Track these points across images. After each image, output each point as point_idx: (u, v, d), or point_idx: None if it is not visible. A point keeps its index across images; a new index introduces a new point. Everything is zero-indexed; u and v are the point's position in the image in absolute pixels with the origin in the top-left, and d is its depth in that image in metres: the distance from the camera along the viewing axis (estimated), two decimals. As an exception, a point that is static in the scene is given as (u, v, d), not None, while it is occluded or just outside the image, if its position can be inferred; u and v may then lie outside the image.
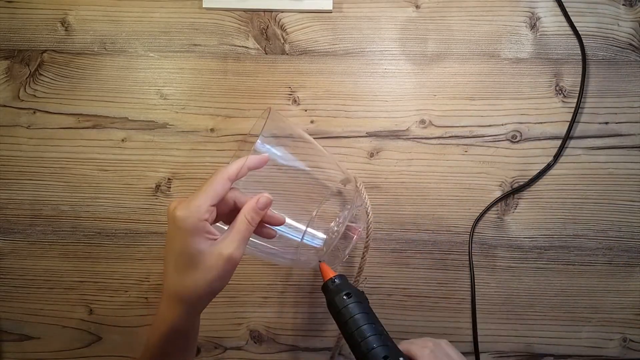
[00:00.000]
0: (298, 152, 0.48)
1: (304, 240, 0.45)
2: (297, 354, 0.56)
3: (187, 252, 0.36)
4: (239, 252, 0.37)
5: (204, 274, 0.37)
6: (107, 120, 0.58)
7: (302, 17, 0.59)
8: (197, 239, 0.36)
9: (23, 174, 0.57)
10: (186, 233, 0.36)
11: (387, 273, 0.56)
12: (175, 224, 0.36)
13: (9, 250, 0.57)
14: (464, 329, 0.55)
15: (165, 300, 0.39)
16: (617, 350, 0.55)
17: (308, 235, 0.46)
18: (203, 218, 0.36)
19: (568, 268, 0.55)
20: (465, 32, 0.58)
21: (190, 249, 0.36)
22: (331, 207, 0.50)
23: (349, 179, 0.50)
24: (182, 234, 0.36)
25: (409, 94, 0.58)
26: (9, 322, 0.56)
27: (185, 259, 0.37)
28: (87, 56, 0.59)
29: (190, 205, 0.36)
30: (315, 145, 0.50)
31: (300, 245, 0.45)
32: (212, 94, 0.58)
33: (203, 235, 0.36)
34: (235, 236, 0.37)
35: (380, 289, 0.56)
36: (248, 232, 0.38)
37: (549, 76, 0.57)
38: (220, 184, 0.37)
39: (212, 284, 0.37)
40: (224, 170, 0.38)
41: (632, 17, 0.58)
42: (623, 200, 0.56)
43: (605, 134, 0.56)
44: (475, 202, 0.56)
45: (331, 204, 0.50)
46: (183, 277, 0.37)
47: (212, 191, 0.37)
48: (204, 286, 0.37)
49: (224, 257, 0.36)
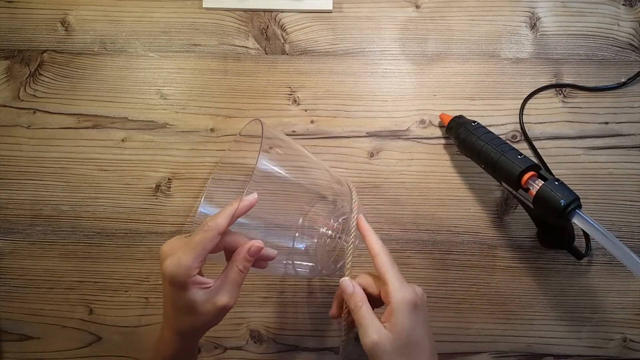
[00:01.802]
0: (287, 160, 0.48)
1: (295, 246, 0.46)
2: (297, 354, 0.56)
3: (181, 302, 0.38)
4: (233, 300, 0.39)
5: (201, 319, 0.39)
6: (107, 120, 0.58)
7: (302, 17, 0.59)
8: (189, 292, 0.38)
9: (23, 174, 0.57)
10: (177, 288, 0.38)
11: (387, 273, 0.56)
12: (166, 278, 0.38)
13: (9, 250, 0.57)
14: (464, 329, 0.55)
15: (166, 329, 0.41)
16: (617, 350, 0.55)
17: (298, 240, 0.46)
18: (192, 274, 0.37)
19: (568, 268, 0.55)
20: (465, 32, 0.58)
21: (184, 300, 0.38)
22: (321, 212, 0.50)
23: (339, 181, 0.50)
24: (174, 288, 0.38)
25: (409, 94, 0.58)
26: (9, 322, 0.56)
27: (181, 307, 0.39)
28: (87, 56, 0.59)
29: (180, 264, 0.37)
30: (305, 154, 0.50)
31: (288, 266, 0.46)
32: (212, 94, 0.58)
33: (194, 288, 0.38)
34: (228, 286, 0.39)
35: (380, 289, 0.56)
36: (241, 279, 0.40)
37: (549, 76, 0.57)
38: (210, 241, 0.38)
39: (208, 324, 0.40)
40: (214, 226, 0.38)
41: (632, 17, 0.58)
42: (623, 200, 0.56)
43: (605, 134, 0.56)
44: (475, 202, 0.56)
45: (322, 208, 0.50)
46: (181, 321, 0.40)
47: (201, 248, 0.38)
48: (200, 326, 0.40)
49: (218, 307, 0.39)
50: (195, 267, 0.37)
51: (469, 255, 0.56)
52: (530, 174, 0.45)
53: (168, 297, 0.39)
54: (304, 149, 0.51)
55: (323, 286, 0.56)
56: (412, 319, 0.40)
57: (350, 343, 0.56)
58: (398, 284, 0.41)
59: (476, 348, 0.55)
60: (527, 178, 0.45)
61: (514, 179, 0.46)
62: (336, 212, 0.50)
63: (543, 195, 0.44)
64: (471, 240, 0.56)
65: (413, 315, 0.40)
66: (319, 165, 0.51)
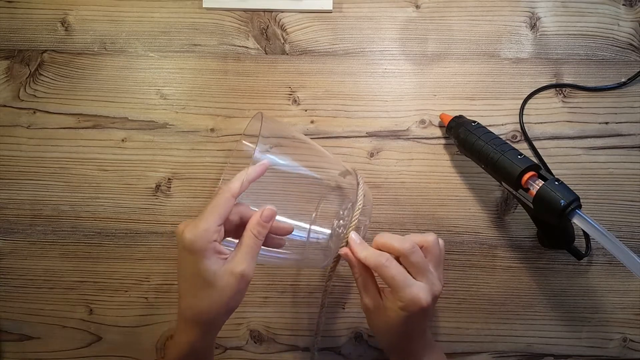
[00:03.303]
0: (294, 153, 0.48)
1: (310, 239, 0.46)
2: (297, 354, 0.56)
3: (200, 274, 0.37)
4: (250, 268, 0.38)
5: (219, 294, 0.37)
6: (107, 120, 0.58)
7: (302, 17, 0.59)
8: (208, 260, 0.37)
9: (23, 174, 0.57)
10: (197, 256, 0.37)
11: (387, 273, 0.56)
12: (185, 247, 0.37)
13: (9, 250, 0.57)
14: (464, 329, 0.55)
15: (182, 323, 0.39)
16: (617, 350, 0.55)
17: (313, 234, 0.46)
18: (212, 239, 0.37)
19: (568, 268, 0.55)
20: (465, 32, 0.58)
21: (203, 270, 0.37)
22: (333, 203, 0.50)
23: (348, 172, 0.50)
24: (193, 257, 0.37)
25: (409, 94, 0.58)
26: (9, 322, 0.56)
27: (199, 280, 0.37)
28: (87, 56, 0.59)
29: (198, 228, 0.37)
30: (310, 143, 0.50)
31: (307, 245, 0.46)
32: (212, 94, 0.58)
33: (214, 256, 0.37)
34: (244, 253, 0.38)
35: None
36: (257, 246, 0.39)
37: (549, 76, 0.57)
38: (225, 203, 0.38)
39: (228, 303, 0.38)
40: (227, 189, 0.38)
41: (632, 17, 0.58)
42: (623, 200, 0.56)
43: (605, 134, 0.56)
44: (475, 202, 0.56)
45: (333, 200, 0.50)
46: (198, 299, 0.38)
47: (217, 212, 0.37)
48: (219, 306, 0.38)
49: (237, 275, 0.37)
50: (214, 230, 0.37)
51: (469, 255, 0.56)
52: (530, 174, 0.45)
53: (186, 273, 0.38)
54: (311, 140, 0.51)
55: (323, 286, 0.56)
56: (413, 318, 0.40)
57: (350, 343, 0.56)
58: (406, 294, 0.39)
59: (476, 348, 0.55)
60: (527, 178, 0.45)
61: (514, 179, 0.46)
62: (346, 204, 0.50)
63: (543, 195, 0.44)
64: (471, 240, 0.56)
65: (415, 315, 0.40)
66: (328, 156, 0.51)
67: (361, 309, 0.44)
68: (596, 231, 0.41)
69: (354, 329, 0.56)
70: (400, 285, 0.40)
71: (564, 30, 0.58)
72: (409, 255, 0.40)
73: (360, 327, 0.56)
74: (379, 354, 0.55)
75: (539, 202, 0.44)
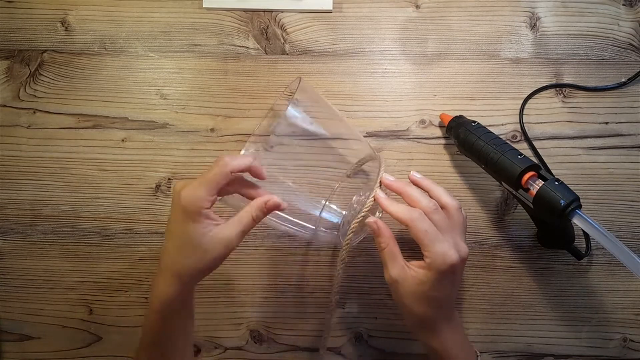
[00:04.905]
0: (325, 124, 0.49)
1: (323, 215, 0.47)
2: (297, 354, 0.56)
3: (189, 235, 0.40)
4: (237, 240, 0.41)
5: (203, 255, 0.40)
6: (107, 120, 0.58)
7: (302, 17, 0.59)
8: (199, 224, 0.39)
9: (23, 174, 0.57)
10: (189, 218, 0.39)
11: (387, 273, 0.56)
12: (180, 207, 0.39)
13: (9, 250, 0.57)
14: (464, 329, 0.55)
15: (162, 276, 0.41)
16: (617, 350, 0.55)
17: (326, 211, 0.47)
18: (204, 207, 0.39)
19: (568, 268, 0.55)
20: (465, 32, 0.58)
21: (193, 232, 0.39)
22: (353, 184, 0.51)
23: (372, 157, 0.50)
24: (186, 218, 0.39)
25: (409, 94, 0.58)
26: (9, 322, 0.56)
27: (187, 240, 0.40)
28: (87, 56, 0.59)
29: (193, 194, 0.39)
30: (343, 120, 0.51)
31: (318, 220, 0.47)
32: (212, 94, 0.58)
33: (204, 221, 0.40)
34: (236, 226, 0.41)
35: (380, 288, 0.56)
36: (249, 226, 0.41)
37: (549, 76, 0.57)
38: (222, 178, 0.40)
39: (209, 264, 0.41)
40: (228, 164, 0.40)
41: (632, 17, 0.58)
42: (623, 200, 0.56)
43: (605, 134, 0.56)
44: (475, 202, 0.56)
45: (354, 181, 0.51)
46: (183, 256, 0.40)
47: (214, 183, 0.40)
48: (201, 266, 0.40)
49: (223, 242, 0.40)
50: (208, 199, 0.39)
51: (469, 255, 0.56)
52: (530, 174, 0.45)
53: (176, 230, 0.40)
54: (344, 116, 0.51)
55: (323, 286, 0.56)
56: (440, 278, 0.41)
57: (350, 343, 0.56)
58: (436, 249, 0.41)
59: (476, 348, 0.55)
60: (527, 178, 0.45)
61: (514, 179, 0.46)
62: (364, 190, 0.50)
63: (543, 195, 0.44)
64: (471, 240, 0.56)
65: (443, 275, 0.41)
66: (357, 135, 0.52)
67: (387, 282, 0.43)
68: (596, 231, 0.41)
69: (354, 329, 0.56)
70: (432, 239, 0.41)
71: (564, 30, 0.58)
72: (433, 213, 0.42)
73: (360, 327, 0.56)
74: (379, 354, 0.55)
75: (539, 202, 0.44)
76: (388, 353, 0.56)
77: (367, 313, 0.56)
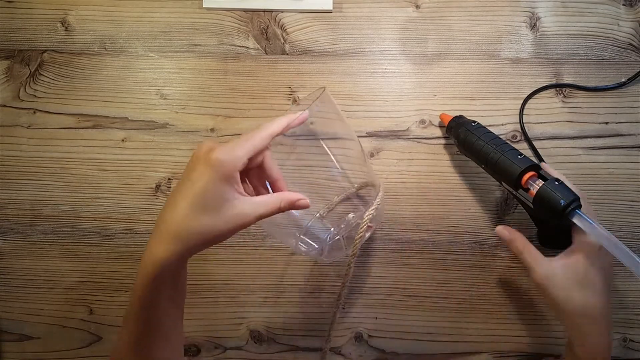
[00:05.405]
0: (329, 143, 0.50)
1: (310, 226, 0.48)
2: (297, 354, 0.56)
3: (212, 195, 0.36)
4: (252, 221, 0.38)
5: (218, 222, 0.37)
6: (107, 120, 0.58)
7: (302, 17, 0.59)
8: (227, 187, 0.37)
9: (23, 174, 0.57)
10: (220, 177, 0.36)
11: (387, 273, 0.56)
12: (211, 165, 0.36)
13: (9, 250, 0.57)
14: (464, 329, 0.55)
15: (158, 237, 0.37)
16: (617, 350, 0.55)
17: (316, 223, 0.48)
18: (238, 169, 0.37)
19: (568, 268, 0.55)
20: (465, 32, 0.58)
21: (218, 193, 0.36)
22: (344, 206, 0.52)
23: (372, 184, 0.51)
24: (215, 177, 0.36)
25: (409, 94, 0.58)
26: (9, 322, 0.56)
27: (208, 200, 0.36)
28: (87, 56, 0.59)
29: (231, 152, 0.37)
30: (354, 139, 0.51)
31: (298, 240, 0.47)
32: (212, 94, 0.58)
33: (233, 185, 0.37)
34: (259, 207, 0.38)
35: (380, 288, 0.56)
36: (270, 213, 0.39)
37: (549, 76, 0.57)
38: (262, 140, 0.38)
39: (219, 234, 0.37)
40: (268, 127, 0.39)
41: (632, 17, 0.58)
42: (623, 200, 0.56)
43: (605, 134, 0.56)
44: (475, 202, 0.56)
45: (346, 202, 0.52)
46: (197, 217, 0.36)
47: (253, 145, 0.38)
48: (212, 232, 0.37)
49: (241, 217, 0.37)
50: (243, 161, 0.37)
51: (469, 255, 0.56)
52: (530, 174, 0.45)
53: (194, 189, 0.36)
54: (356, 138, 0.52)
55: (323, 286, 0.56)
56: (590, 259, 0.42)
57: (350, 343, 0.56)
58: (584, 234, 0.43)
59: (476, 348, 0.55)
60: (527, 178, 0.45)
61: (514, 179, 0.46)
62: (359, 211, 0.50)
63: (543, 195, 0.44)
64: (471, 240, 0.56)
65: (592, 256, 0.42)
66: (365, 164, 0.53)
67: (535, 283, 0.45)
68: (596, 231, 0.41)
69: (354, 329, 0.56)
70: None
71: (564, 30, 0.58)
72: None
73: (360, 327, 0.56)
74: (379, 354, 0.55)
75: (539, 202, 0.44)
76: (388, 353, 0.56)
77: (367, 313, 0.56)
